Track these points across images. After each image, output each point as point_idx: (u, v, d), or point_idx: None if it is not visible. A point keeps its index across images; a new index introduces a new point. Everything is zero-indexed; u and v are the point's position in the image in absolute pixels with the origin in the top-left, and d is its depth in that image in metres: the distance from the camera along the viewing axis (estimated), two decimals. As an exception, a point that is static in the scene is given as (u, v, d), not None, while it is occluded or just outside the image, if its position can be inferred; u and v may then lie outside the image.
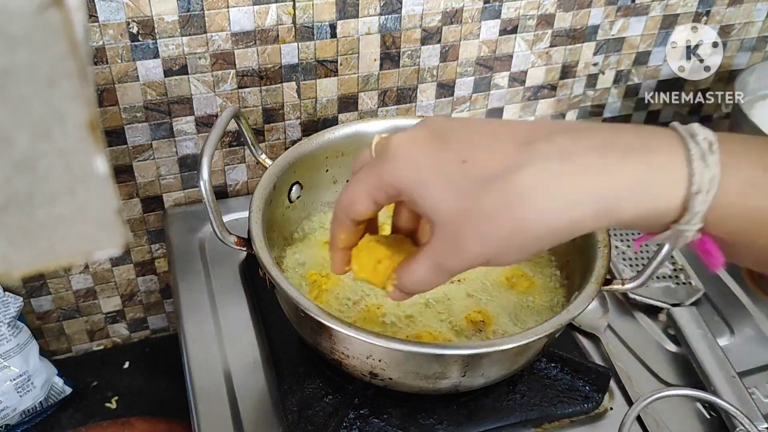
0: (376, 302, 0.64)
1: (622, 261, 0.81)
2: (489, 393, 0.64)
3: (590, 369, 0.66)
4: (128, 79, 0.76)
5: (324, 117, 0.88)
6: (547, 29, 0.90)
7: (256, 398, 0.65)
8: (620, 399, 0.66)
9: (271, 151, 0.88)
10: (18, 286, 0.89)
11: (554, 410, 0.64)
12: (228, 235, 0.58)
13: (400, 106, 0.90)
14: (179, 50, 0.76)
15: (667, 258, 0.57)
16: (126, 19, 0.72)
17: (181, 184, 0.88)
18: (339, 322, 0.53)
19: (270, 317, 0.71)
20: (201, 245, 0.82)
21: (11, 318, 0.85)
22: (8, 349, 0.84)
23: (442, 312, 0.64)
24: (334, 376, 0.64)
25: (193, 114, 0.82)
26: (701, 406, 0.67)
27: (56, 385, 0.92)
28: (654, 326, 0.75)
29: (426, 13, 0.82)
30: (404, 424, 0.61)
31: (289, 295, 0.54)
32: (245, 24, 0.76)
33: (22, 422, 0.91)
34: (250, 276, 0.77)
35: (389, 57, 0.85)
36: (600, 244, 0.61)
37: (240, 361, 0.68)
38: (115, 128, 0.79)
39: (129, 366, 1.02)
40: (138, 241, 0.92)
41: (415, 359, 0.54)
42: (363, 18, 0.80)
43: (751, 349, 0.73)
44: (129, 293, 0.97)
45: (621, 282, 0.59)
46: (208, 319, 0.72)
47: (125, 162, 0.83)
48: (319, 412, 0.62)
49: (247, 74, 0.80)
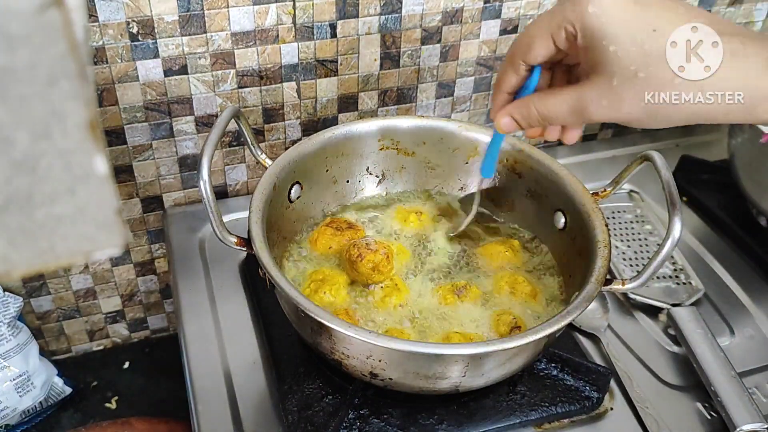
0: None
1: (622, 261, 0.81)
2: (489, 393, 0.64)
3: (590, 369, 0.66)
4: (128, 79, 0.76)
5: (324, 117, 0.88)
6: (547, 29, 0.90)
7: (256, 398, 0.65)
8: (620, 399, 0.66)
9: (271, 151, 0.88)
10: (18, 286, 0.89)
11: (554, 410, 0.64)
12: (228, 235, 0.58)
13: (400, 105, 0.90)
14: (179, 50, 0.76)
15: (667, 258, 0.56)
16: (126, 19, 0.72)
17: (181, 184, 0.88)
18: (339, 322, 0.53)
19: (270, 317, 0.71)
20: (201, 245, 0.82)
21: (11, 318, 0.85)
22: (8, 349, 0.84)
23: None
24: (334, 376, 0.64)
25: (193, 114, 0.81)
26: (701, 406, 0.67)
27: (56, 385, 0.92)
28: (654, 326, 0.75)
29: (426, 13, 0.82)
30: (404, 424, 0.61)
31: (289, 295, 0.54)
32: (245, 24, 0.76)
33: (22, 422, 0.91)
34: (250, 276, 0.77)
35: (389, 57, 0.85)
36: (600, 244, 0.61)
37: (240, 361, 0.68)
38: (115, 128, 0.79)
39: (129, 366, 1.02)
40: (138, 241, 0.92)
41: (415, 359, 0.54)
42: (363, 18, 0.80)
43: (751, 349, 0.73)
44: (129, 293, 0.97)
45: (621, 282, 0.59)
46: (208, 319, 0.72)
47: (125, 162, 0.83)
48: (319, 412, 0.62)
49: (247, 74, 0.80)
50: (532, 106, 0.47)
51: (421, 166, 0.78)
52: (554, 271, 0.70)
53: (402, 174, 0.78)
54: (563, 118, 0.46)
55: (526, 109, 0.48)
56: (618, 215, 0.88)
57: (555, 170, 0.70)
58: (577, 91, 0.44)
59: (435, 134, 0.75)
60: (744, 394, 0.64)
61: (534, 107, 0.47)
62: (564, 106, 0.45)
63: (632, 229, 0.86)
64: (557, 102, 0.46)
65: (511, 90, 0.50)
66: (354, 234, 0.70)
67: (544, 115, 0.47)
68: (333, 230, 0.70)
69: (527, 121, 0.49)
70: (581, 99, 0.44)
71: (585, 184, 0.67)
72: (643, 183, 0.92)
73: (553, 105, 0.46)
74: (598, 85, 0.43)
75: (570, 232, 0.68)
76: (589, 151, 1.02)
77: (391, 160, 0.77)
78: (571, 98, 0.45)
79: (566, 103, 0.45)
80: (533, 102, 0.47)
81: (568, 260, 0.68)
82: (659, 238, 0.85)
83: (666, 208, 0.58)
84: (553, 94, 0.46)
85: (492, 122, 0.52)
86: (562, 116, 0.46)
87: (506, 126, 0.50)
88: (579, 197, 0.66)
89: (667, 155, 0.65)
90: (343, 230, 0.70)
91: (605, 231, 0.62)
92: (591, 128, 1.04)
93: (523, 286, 0.67)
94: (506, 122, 0.50)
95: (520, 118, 0.49)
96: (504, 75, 0.49)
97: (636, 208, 0.90)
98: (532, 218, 0.74)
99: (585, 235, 0.64)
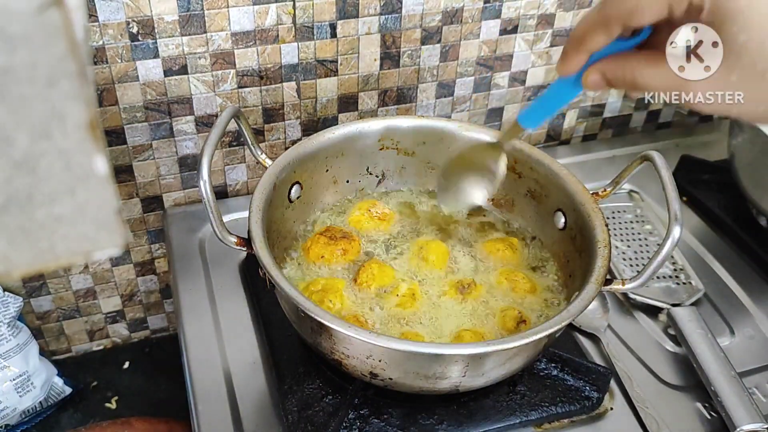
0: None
1: (622, 261, 0.81)
2: (489, 393, 0.64)
3: (590, 369, 0.66)
4: (128, 79, 0.76)
5: (324, 117, 0.88)
6: (547, 29, 0.90)
7: (256, 398, 0.65)
8: (620, 399, 0.66)
9: (271, 151, 0.88)
10: (18, 286, 0.89)
11: (554, 410, 0.64)
12: (228, 235, 0.58)
13: (400, 105, 0.90)
14: (179, 50, 0.76)
15: (667, 258, 0.56)
16: (126, 19, 0.72)
17: (181, 184, 0.88)
18: (339, 322, 0.53)
19: (270, 317, 0.71)
20: (201, 245, 0.82)
21: (11, 318, 0.85)
22: (8, 349, 0.84)
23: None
24: (334, 376, 0.64)
25: (193, 114, 0.81)
26: (701, 406, 0.67)
27: (56, 385, 0.92)
28: (654, 326, 0.75)
29: (426, 12, 0.82)
30: (404, 424, 0.61)
31: (289, 295, 0.54)
32: (245, 24, 0.76)
33: (22, 422, 0.91)
34: (250, 276, 0.77)
35: (389, 57, 0.85)
36: (600, 244, 0.61)
37: (240, 361, 0.68)
38: (115, 128, 0.79)
39: (129, 366, 1.02)
40: (138, 241, 0.92)
41: (415, 359, 0.54)
42: (363, 18, 0.80)
43: (751, 349, 0.73)
44: (129, 293, 0.97)
45: (621, 282, 0.59)
46: (208, 319, 0.72)
47: (125, 162, 0.83)
48: (319, 412, 0.62)
49: (247, 74, 0.80)
50: (630, 69, 0.42)
51: (421, 166, 0.78)
52: (554, 271, 0.70)
53: (402, 174, 0.78)
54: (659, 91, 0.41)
55: (622, 72, 0.42)
56: (618, 215, 0.88)
57: (555, 170, 0.70)
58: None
59: (435, 134, 0.75)
60: (744, 394, 0.64)
61: (632, 72, 0.42)
62: (665, 81, 0.40)
63: (632, 229, 0.86)
64: (659, 75, 0.40)
65: (596, 49, 0.43)
66: (348, 244, 0.69)
67: (639, 84, 0.42)
68: (327, 239, 0.69)
69: (619, 83, 0.43)
70: (688, 83, 0.39)
71: (585, 184, 0.67)
72: (643, 183, 0.92)
73: (653, 77, 0.41)
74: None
75: (570, 232, 0.68)
76: (589, 151, 1.02)
77: (391, 160, 0.77)
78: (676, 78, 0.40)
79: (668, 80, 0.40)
80: (633, 66, 0.42)
81: (568, 260, 0.68)
82: (659, 238, 0.85)
83: (666, 208, 0.58)
84: (655, 64, 0.40)
85: (499, 122, 0.49)
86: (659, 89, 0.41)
87: (594, 83, 0.44)
88: (579, 197, 0.66)
89: (667, 155, 0.64)
90: (337, 239, 0.69)
91: (605, 231, 0.62)
92: (591, 128, 1.04)
93: (523, 282, 0.67)
94: (594, 79, 0.44)
95: (613, 78, 0.43)
96: (592, 33, 0.42)
97: (636, 208, 0.90)
98: (532, 218, 0.74)
99: (585, 235, 0.64)
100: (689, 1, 0.38)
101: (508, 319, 0.63)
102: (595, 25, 0.42)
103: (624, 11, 0.40)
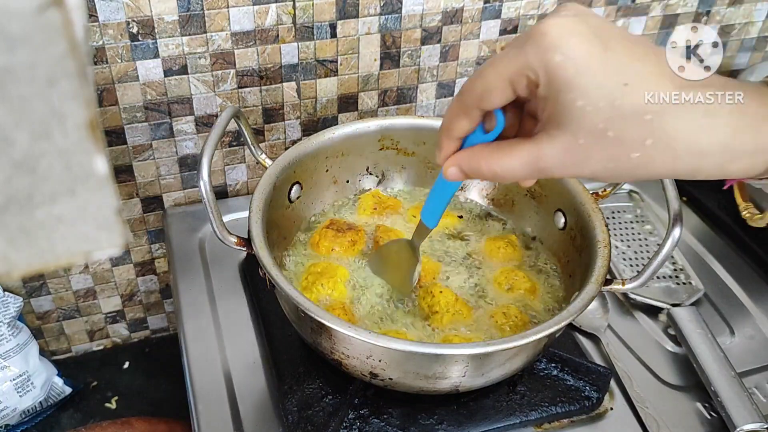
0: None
1: (622, 261, 0.81)
2: (489, 393, 0.64)
3: (590, 369, 0.66)
4: (128, 79, 0.76)
5: (324, 117, 0.88)
6: (547, 29, 0.89)
7: (256, 398, 0.65)
8: (620, 399, 0.66)
9: (271, 151, 0.88)
10: (18, 286, 0.89)
11: (554, 410, 0.64)
12: (228, 235, 0.58)
13: (400, 105, 0.90)
14: (179, 50, 0.76)
15: (667, 258, 0.56)
16: (126, 19, 0.72)
17: (181, 184, 0.88)
18: (339, 322, 0.53)
19: (270, 317, 0.71)
20: (201, 245, 0.82)
21: (11, 318, 0.85)
22: (8, 349, 0.84)
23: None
24: (334, 376, 0.64)
25: (193, 114, 0.81)
26: (701, 406, 0.67)
27: (56, 385, 0.92)
28: (654, 326, 0.75)
29: (426, 12, 0.82)
30: (404, 424, 0.61)
31: (289, 295, 0.54)
32: (245, 24, 0.76)
33: (22, 422, 0.91)
34: (250, 276, 0.77)
35: (389, 57, 0.85)
36: (600, 244, 0.61)
37: (240, 361, 0.68)
38: (115, 128, 0.79)
39: (129, 366, 1.02)
40: (138, 241, 0.92)
41: (415, 359, 0.54)
42: (363, 18, 0.80)
43: (751, 349, 0.73)
44: (129, 293, 0.97)
45: (621, 282, 0.59)
46: (208, 319, 0.72)
47: (125, 162, 0.83)
48: (319, 412, 0.62)
49: (247, 74, 0.80)
50: (483, 161, 0.42)
51: (421, 166, 0.78)
52: (554, 270, 0.70)
53: (402, 174, 0.78)
54: (518, 177, 0.41)
55: (474, 162, 0.43)
56: (618, 215, 0.88)
57: (555, 170, 0.69)
58: (536, 147, 0.39)
59: (435, 134, 0.75)
60: (744, 394, 0.64)
61: (485, 164, 0.42)
62: (519, 164, 0.40)
63: (632, 229, 0.86)
64: (512, 161, 0.41)
65: (462, 136, 0.44)
66: (355, 235, 0.70)
67: (495, 173, 0.42)
68: (334, 232, 0.70)
69: (474, 174, 0.44)
70: (541, 158, 0.39)
71: (585, 184, 0.67)
72: (643, 183, 0.92)
73: (508, 164, 0.41)
74: (560, 141, 0.38)
75: (570, 232, 0.68)
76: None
77: (391, 160, 0.77)
78: (529, 156, 0.40)
79: (522, 162, 0.40)
80: (484, 158, 0.42)
81: (568, 260, 0.68)
82: (659, 238, 0.85)
83: (666, 208, 0.58)
84: (506, 152, 0.41)
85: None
86: (516, 175, 0.41)
87: (453, 176, 0.45)
88: (579, 197, 0.66)
89: (667, 155, 0.64)
90: (344, 231, 0.70)
91: (605, 231, 0.62)
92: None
93: (523, 281, 0.67)
94: (453, 172, 0.45)
95: (470, 171, 0.44)
96: (454, 119, 0.43)
97: (636, 208, 0.90)
98: (532, 218, 0.74)
99: (585, 235, 0.64)
100: (527, 77, 0.38)
101: (508, 318, 0.63)
102: (458, 112, 0.43)
103: (476, 96, 0.41)
